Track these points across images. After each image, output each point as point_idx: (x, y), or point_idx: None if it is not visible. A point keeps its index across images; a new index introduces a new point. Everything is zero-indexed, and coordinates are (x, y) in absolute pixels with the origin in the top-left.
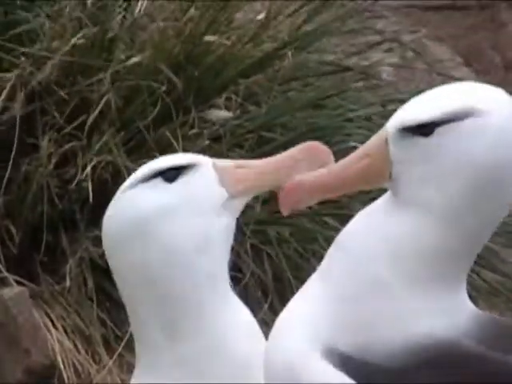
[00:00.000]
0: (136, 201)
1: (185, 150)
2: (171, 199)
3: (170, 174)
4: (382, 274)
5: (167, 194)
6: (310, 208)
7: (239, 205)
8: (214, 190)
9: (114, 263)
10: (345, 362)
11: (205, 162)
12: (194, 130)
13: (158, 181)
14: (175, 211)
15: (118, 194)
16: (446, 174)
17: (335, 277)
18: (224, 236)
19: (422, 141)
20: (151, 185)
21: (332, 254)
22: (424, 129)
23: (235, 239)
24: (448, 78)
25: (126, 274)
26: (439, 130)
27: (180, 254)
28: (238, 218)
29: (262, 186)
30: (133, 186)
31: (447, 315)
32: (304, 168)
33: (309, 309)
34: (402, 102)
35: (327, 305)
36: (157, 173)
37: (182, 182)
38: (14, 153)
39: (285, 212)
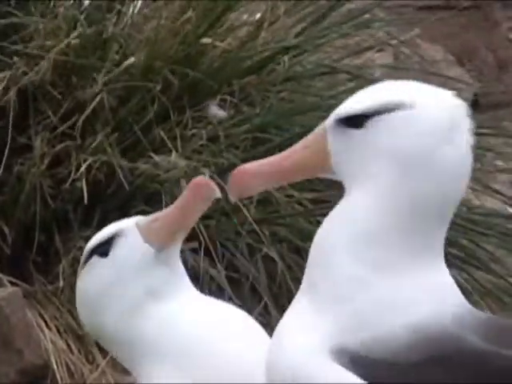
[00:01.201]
0: (84, 283)
1: (179, 151)
2: (109, 273)
3: (103, 249)
4: (356, 272)
5: (104, 269)
6: (305, 207)
7: (172, 252)
8: (140, 250)
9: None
10: (353, 360)
11: (129, 225)
12: (189, 131)
13: (95, 259)
14: (115, 283)
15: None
16: (378, 163)
17: (318, 281)
18: (169, 285)
19: (354, 132)
20: (91, 264)
21: (309, 259)
22: (355, 120)
23: (231, 239)
24: (441, 78)
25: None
26: (369, 122)
27: (125, 319)
28: (233, 218)
29: (175, 233)
30: (81, 267)
31: (436, 298)
32: (197, 203)
33: (308, 313)
34: None
35: (324, 307)
36: (91, 251)
37: (114, 253)
38: (6, 153)
39: (233, 198)
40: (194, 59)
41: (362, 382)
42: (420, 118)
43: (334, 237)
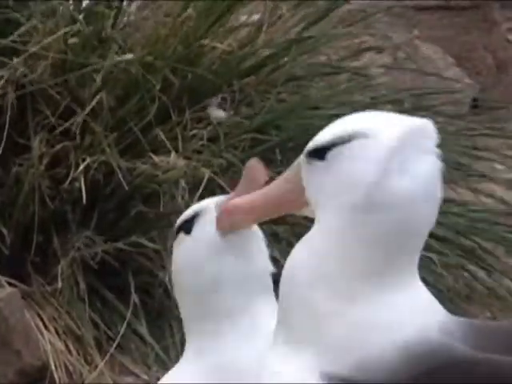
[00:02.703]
0: (174, 257)
1: (178, 151)
2: (188, 251)
3: (187, 226)
4: (324, 304)
5: (186, 246)
6: None
7: (239, 238)
8: (211, 233)
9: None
10: None
11: (209, 205)
12: (188, 131)
13: (181, 235)
14: (193, 262)
15: None
16: (338, 194)
17: (292, 319)
18: (235, 275)
19: (319, 164)
20: (178, 240)
21: (280, 288)
22: (319, 153)
23: None
24: (440, 79)
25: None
26: (330, 154)
27: (198, 297)
28: None
29: (250, 219)
30: (173, 238)
31: (417, 314)
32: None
33: (289, 353)
34: (394, 102)
35: (302, 346)
36: (178, 228)
37: (195, 231)
38: (4, 153)
39: (221, 230)
40: (194, 60)
41: None
42: (372, 148)
43: (301, 273)
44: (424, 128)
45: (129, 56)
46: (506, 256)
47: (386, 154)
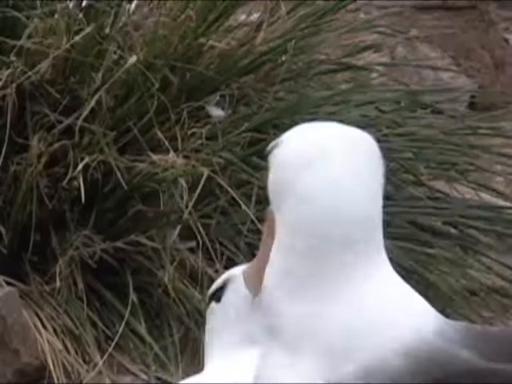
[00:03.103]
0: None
1: (177, 150)
2: (218, 320)
3: (218, 295)
4: (294, 309)
5: (216, 315)
6: None
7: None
8: (242, 297)
9: None
10: None
11: (237, 272)
12: (187, 130)
13: (213, 304)
14: (222, 330)
15: None
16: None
17: (274, 330)
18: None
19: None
20: (210, 310)
21: None
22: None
23: (230, 238)
24: (438, 78)
25: None
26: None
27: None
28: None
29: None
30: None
31: (404, 314)
32: None
33: (291, 360)
34: (393, 101)
35: (302, 351)
36: (210, 297)
37: (224, 299)
38: (3, 152)
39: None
40: (193, 58)
41: None
42: (281, 153)
43: (268, 286)
44: (337, 135)
45: (133, 59)
46: (507, 253)
47: (289, 158)
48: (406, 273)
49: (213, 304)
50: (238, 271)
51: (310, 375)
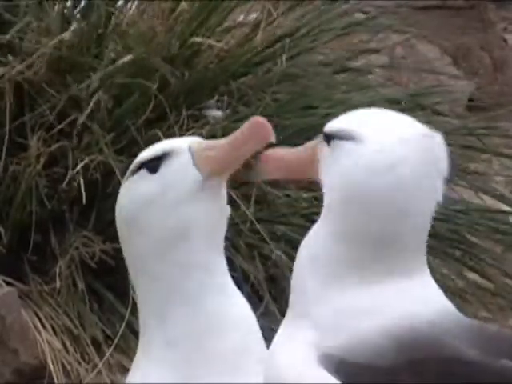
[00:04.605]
0: (127, 193)
1: None
2: (154, 189)
3: (153, 165)
4: (316, 290)
5: (151, 184)
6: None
7: (217, 186)
8: (189, 174)
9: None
10: (338, 366)
11: (182, 146)
12: (186, 130)
13: (143, 172)
14: (159, 201)
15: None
16: (330, 185)
17: (297, 291)
18: (206, 221)
19: (326, 148)
20: (138, 177)
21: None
22: (328, 137)
23: (228, 238)
24: (437, 78)
25: (127, 260)
26: (333, 143)
27: (164, 242)
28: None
29: (227, 166)
30: (126, 178)
31: (411, 303)
32: (251, 142)
33: (293, 329)
34: (391, 101)
35: (305, 317)
36: (141, 165)
37: (163, 170)
38: (2, 152)
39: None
40: (191, 59)
41: None
42: (362, 153)
43: (300, 263)
44: (416, 137)
45: (127, 58)
46: (505, 255)
47: (371, 162)
48: None
49: (143, 172)
50: (180, 145)
51: (310, 343)
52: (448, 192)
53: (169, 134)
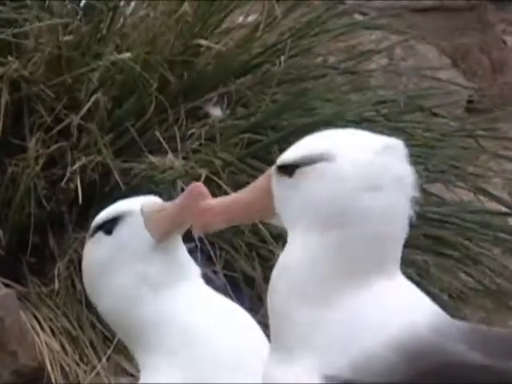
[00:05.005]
0: (88, 255)
1: (175, 151)
2: (109, 251)
3: (108, 227)
4: (302, 313)
5: (106, 247)
6: None
7: (170, 245)
8: (141, 237)
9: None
10: None
11: (134, 209)
12: (185, 131)
13: (100, 234)
14: (114, 263)
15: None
16: (301, 212)
17: (279, 331)
18: (166, 275)
19: (286, 180)
20: (95, 239)
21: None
22: (288, 169)
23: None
24: (435, 80)
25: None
26: (298, 172)
27: (122, 302)
28: None
29: (174, 228)
30: (89, 237)
31: (404, 312)
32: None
33: (287, 353)
34: (390, 103)
35: (295, 354)
36: (97, 227)
37: (116, 233)
38: (0, 154)
39: (196, 233)
40: (190, 60)
41: None
42: (338, 170)
43: (279, 285)
44: (393, 148)
45: (126, 55)
46: (502, 256)
47: (348, 177)
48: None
49: (99, 234)
50: (133, 206)
51: (307, 371)
52: (447, 193)
53: (168, 135)
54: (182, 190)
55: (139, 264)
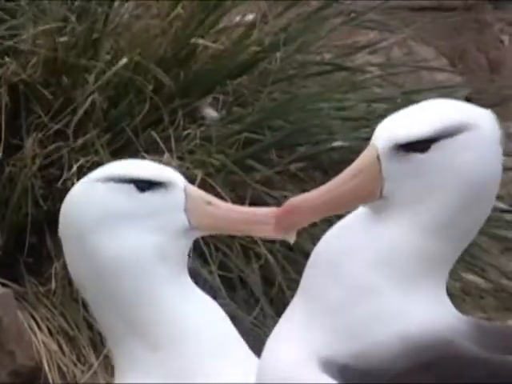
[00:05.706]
0: (104, 197)
1: (170, 151)
2: (135, 208)
3: (143, 185)
4: (370, 281)
5: (134, 201)
6: None
7: (197, 234)
8: (178, 217)
9: (67, 254)
10: (343, 372)
11: (179, 183)
12: (181, 131)
13: (130, 187)
14: (137, 221)
15: (87, 181)
16: (437, 188)
17: (321, 290)
18: (178, 256)
19: (418, 157)
20: (122, 188)
21: (311, 270)
22: (420, 145)
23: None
24: (433, 79)
25: (81, 272)
26: (435, 146)
27: (130, 263)
28: None
29: (221, 230)
30: (104, 180)
31: (436, 313)
32: (259, 226)
33: (300, 324)
34: (387, 101)
35: (317, 318)
36: (131, 179)
37: (153, 196)
38: None
39: (279, 235)
40: (186, 60)
41: None
42: (481, 140)
43: (355, 248)
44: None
45: (123, 61)
46: (502, 254)
47: (487, 147)
48: None
49: (129, 186)
50: (176, 179)
51: (314, 344)
52: None
53: (164, 135)
54: None
55: (163, 238)
